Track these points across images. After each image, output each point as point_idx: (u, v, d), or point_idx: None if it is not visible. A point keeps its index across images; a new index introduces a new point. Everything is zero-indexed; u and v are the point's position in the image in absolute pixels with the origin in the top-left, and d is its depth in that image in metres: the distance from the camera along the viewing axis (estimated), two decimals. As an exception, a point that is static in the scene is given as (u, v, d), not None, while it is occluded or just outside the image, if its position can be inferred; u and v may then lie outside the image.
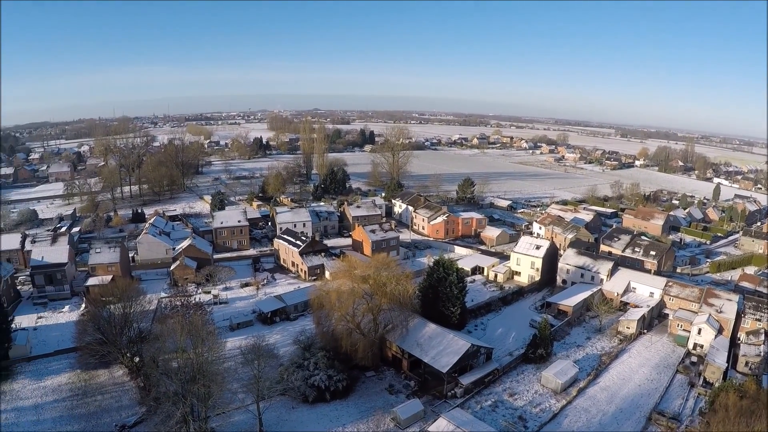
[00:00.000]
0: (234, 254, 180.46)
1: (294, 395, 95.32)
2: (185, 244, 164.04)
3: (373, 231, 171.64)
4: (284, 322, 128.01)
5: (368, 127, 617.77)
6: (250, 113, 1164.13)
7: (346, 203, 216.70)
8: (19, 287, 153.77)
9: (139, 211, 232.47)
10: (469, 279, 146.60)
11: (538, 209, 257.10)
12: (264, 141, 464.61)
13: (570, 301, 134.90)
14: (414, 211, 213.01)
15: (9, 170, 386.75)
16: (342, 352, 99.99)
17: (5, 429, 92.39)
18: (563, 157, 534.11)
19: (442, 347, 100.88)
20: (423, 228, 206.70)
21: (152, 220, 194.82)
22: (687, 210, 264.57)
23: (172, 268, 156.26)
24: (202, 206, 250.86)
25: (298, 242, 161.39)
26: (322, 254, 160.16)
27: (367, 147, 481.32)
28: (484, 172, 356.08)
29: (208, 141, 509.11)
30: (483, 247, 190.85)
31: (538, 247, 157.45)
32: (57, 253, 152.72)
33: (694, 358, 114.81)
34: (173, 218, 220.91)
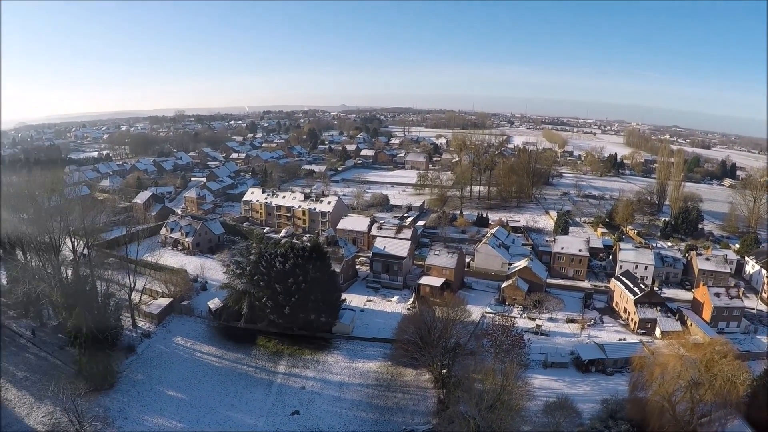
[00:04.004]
0: (567, 282, 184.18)
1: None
2: (522, 264, 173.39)
3: (717, 294, 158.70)
4: (598, 374, 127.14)
5: (730, 157, 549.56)
6: (606, 123, 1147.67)
7: (694, 252, 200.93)
8: (357, 266, 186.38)
9: (484, 215, 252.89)
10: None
11: None
12: (618, 159, 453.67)
13: None
14: (767, 277, 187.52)
15: (370, 152, 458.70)
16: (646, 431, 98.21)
17: (309, 395, 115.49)
18: None
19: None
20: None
21: (495, 229, 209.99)
22: None
23: (503, 285, 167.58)
24: (546, 221, 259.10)
25: (635, 289, 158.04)
26: (657, 308, 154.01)
27: (726, 181, 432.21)
28: None
29: (561, 150, 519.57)
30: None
31: None
32: (398, 246, 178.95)
33: None
34: (515, 229, 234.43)
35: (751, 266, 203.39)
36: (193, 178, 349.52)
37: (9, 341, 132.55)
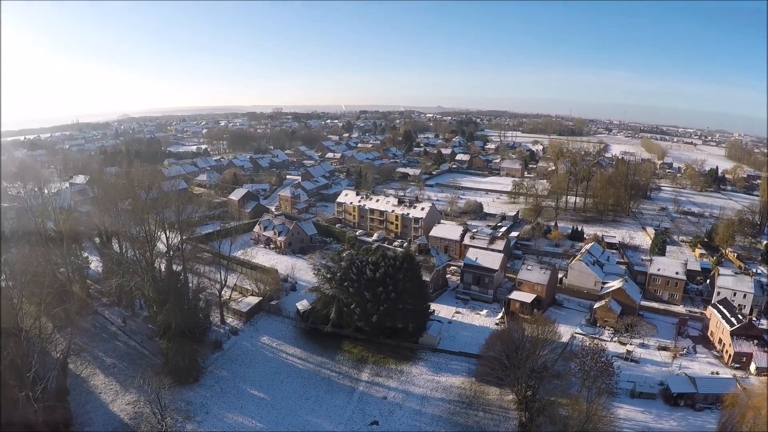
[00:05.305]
0: (661, 306, 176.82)
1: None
2: (615, 285, 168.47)
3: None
4: (687, 409, 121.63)
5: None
6: (707, 133, 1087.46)
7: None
8: (448, 276, 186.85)
9: (579, 229, 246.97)
10: None
11: None
12: (719, 173, 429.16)
13: None
14: None
15: (465, 157, 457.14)
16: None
17: (390, 406, 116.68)
18: None
19: None
20: None
21: (589, 245, 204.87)
22: None
23: (596, 306, 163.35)
24: (643, 238, 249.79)
25: (732, 319, 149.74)
26: (755, 341, 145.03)
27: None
28: None
29: (660, 162, 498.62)
30: None
31: None
32: (490, 258, 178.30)
33: None
34: (610, 245, 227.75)
35: None
36: (288, 176, 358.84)
37: (101, 328, 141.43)
